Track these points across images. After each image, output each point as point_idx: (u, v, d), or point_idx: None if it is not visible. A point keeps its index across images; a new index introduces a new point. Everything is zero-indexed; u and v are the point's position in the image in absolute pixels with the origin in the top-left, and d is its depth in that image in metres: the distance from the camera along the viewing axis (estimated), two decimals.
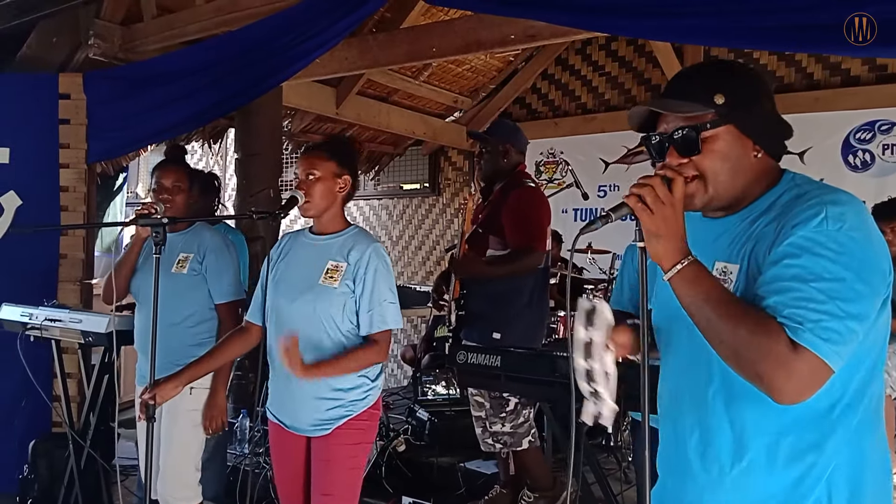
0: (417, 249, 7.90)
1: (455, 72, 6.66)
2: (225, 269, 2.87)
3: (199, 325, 2.85)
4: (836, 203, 1.21)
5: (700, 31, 2.96)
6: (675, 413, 1.42)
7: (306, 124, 6.64)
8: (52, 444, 3.65)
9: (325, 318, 2.32)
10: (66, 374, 3.65)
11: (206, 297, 2.86)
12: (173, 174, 2.88)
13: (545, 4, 3.14)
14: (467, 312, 3.51)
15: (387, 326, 2.35)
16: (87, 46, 4.22)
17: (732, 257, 1.31)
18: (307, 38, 3.73)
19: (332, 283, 2.32)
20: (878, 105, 5.35)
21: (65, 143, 4.15)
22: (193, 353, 2.70)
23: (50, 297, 3.69)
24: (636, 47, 6.51)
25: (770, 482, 1.28)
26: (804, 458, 1.25)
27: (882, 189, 5.08)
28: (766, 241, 1.25)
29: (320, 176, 2.35)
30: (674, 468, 1.43)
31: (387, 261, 2.38)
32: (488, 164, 3.58)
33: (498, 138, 3.57)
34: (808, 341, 1.14)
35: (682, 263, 1.23)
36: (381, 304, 2.33)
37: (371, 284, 2.32)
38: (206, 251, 2.84)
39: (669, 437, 1.45)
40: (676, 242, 1.23)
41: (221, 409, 2.84)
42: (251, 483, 3.52)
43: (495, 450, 3.47)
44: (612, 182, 6.39)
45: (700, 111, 1.29)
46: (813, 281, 1.16)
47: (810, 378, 1.16)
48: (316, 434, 2.36)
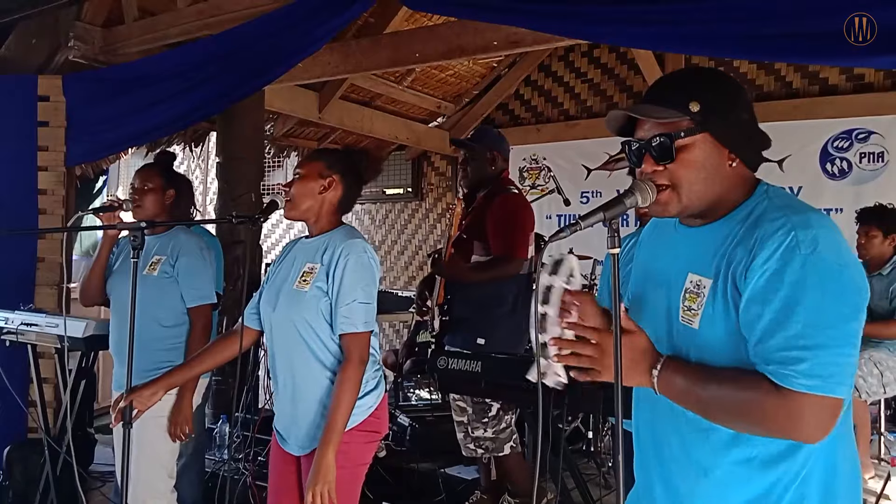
0: (400, 254, 7.89)
1: (438, 77, 6.68)
2: (197, 272, 2.81)
3: (170, 329, 2.79)
4: (807, 226, 1.19)
5: (680, 40, 3.00)
6: (651, 418, 1.43)
7: (289, 128, 6.62)
8: (27, 450, 3.61)
9: (300, 323, 2.20)
10: (43, 379, 3.61)
11: (178, 300, 2.80)
12: (144, 175, 2.86)
13: (528, 11, 3.16)
14: (451, 318, 3.50)
15: (353, 328, 2.15)
16: (66, 48, 4.19)
17: (705, 271, 1.30)
18: (290, 42, 3.72)
19: (304, 287, 2.20)
20: (855, 114, 5.43)
21: (43, 146, 4.11)
22: (164, 358, 2.69)
23: (27, 301, 3.65)
24: (618, 54, 6.56)
25: (745, 488, 1.28)
26: (778, 464, 1.26)
27: (859, 197, 5.15)
28: (738, 262, 1.24)
29: (304, 174, 2.29)
30: (651, 474, 1.44)
31: (363, 258, 2.19)
32: (475, 171, 3.57)
33: (485, 146, 3.56)
34: (803, 385, 1.14)
35: (653, 381, 1.28)
36: (348, 304, 2.15)
37: (339, 282, 2.16)
38: (178, 254, 2.79)
39: (647, 442, 1.45)
40: (637, 373, 1.28)
41: (186, 417, 2.73)
42: (230, 489, 3.49)
43: (477, 455, 3.47)
44: (595, 188, 6.42)
45: (675, 118, 1.29)
46: (795, 317, 1.16)
47: (822, 414, 1.16)
48: (301, 453, 2.26)
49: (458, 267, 3.51)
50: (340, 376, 2.14)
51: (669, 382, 1.27)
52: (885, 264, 3.97)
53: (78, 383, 3.30)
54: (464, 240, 3.53)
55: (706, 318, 1.28)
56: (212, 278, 2.90)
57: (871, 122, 5.38)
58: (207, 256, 2.88)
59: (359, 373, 2.15)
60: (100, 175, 6.68)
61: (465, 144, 3.67)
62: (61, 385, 3.51)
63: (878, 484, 3.67)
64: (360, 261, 2.19)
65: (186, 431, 2.72)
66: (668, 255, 1.24)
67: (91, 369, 3.42)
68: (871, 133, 5.38)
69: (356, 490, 2.27)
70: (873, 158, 5.39)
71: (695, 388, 1.25)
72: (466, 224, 3.56)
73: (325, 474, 2.06)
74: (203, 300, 2.82)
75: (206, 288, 2.85)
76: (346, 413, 2.11)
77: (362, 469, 2.29)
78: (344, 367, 2.15)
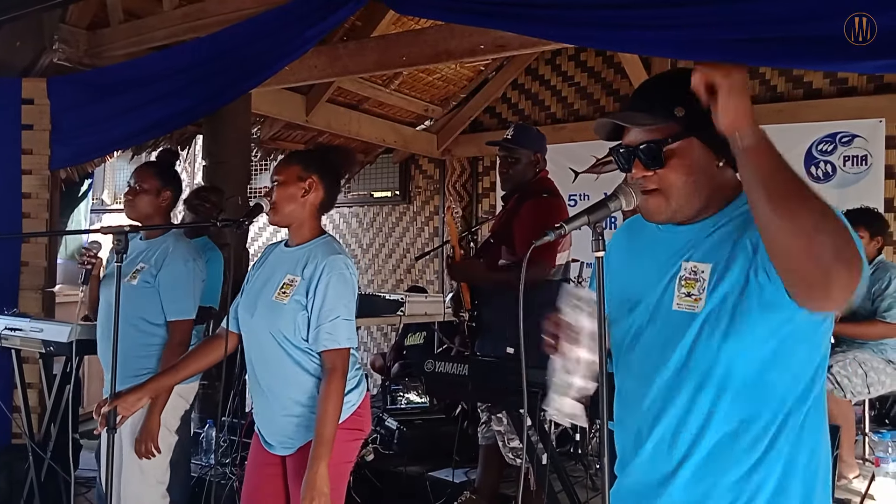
0: (388, 257, 7.88)
1: (425, 81, 6.68)
2: (177, 285, 2.72)
3: (150, 336, 2.73)
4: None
5: (667, 44, 3.00)
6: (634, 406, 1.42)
7: (275, 132, 6.60)
8: (11, 455, 3.58)
9: (276, 333, 2.22)
10: (27, 384, 3.58)
11: (159, 309, 2.72)
12: (139, 174, 2.82)
13: (514, 16, 3.16)
14: (478, 325, 3.41)
15: (337, 344, 2.18)
16: (51, 51, 4.17)
17: (704, 257, 1.31)
18: (277, 45, 3.71)
19: (283, 299, 2.22)
20: (839, 117, 5.48)
21: (28, 149, 4.08)
22: (140, 365, 2.65)
23: (10, 306, 3.62)
24: (605, 58, 6.59)
25: (727, 473, 1.29)
26: (759, 446, 1.28)
27: (843, 200, 5.18)
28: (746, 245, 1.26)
29: (282, 180, 2.28)
30: (631, 464, 1.43)
31: (346, 275, 2.23)
32: (518, 175, 3.41)
33: (530, 149, 3.42)
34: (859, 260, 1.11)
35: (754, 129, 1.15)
36: (331, 321, 2.18)
37: (321, 299, 2.18)
38: (162, 264, 2.71)
39: (629, 430, 1.44)
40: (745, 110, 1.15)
41: (152, 434, 2.63)
42: (216, 494, 3.47)
43: (516, 464, 3.36)
44: (582, 191, 6.44)
45: (661, 124, 1.30)
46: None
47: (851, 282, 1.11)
48: (290, 452, 2.28)
49: (474, 266, 3.40)
50: (325, 390, 2.16)
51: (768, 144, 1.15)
52: (868, 266, 4.01)
53: (63, 388, 3.27)
54: (491, 244, 3.44)
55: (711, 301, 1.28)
56: (193, 292, 2.78)
57: (855, 125, 5.43)
58: (194, 268, 2.77)
59: (342, 386, 2.19)
60: (85, 178, 6.65)
61: (508, 146, 3.46)
62: (46, 390, 3.49)
63: (862, 484, 3.69)
64: (343, 277, 2.22)
65: (151, 449, 2.62)
66: (650, 252, 1.25)
67: (76, 374, 3.40)
68: (855, 136, 5.43)
69: (342, 487, 2.29)
70: (857, 162, 5.44)
71: (790, 168, 1.15)
72: (496, 228, 3.48)
73: (320, 487, 2.08)
74: (181, 315, 2.73)
75: (186, 302, 2.75)
76: (333, 425, 2.13)
77: (347, 467, 2.32)
78: (328, 381, 2.17)
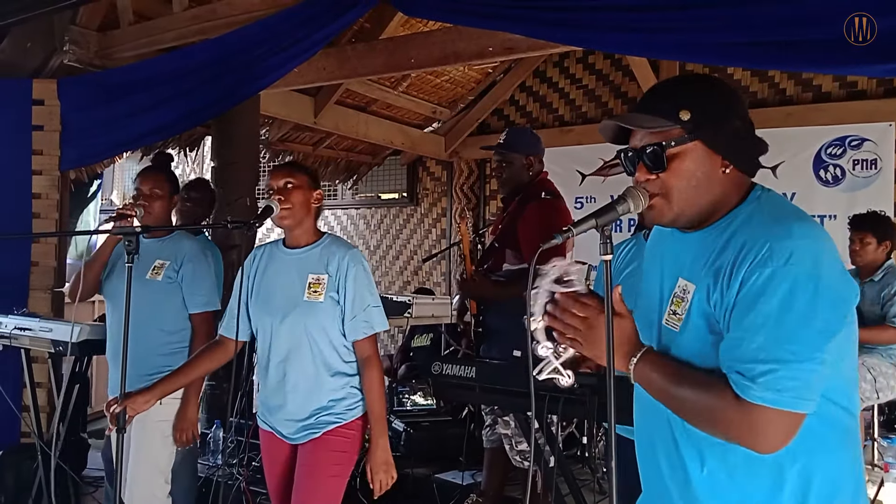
0: (395, 259, 7.89)
1: (434, 83, 6.69)
2: (201, 278, 2.82)
3: (172, 335, 2.80)
4: (785, 237, 1.19)
5: (674, 47, 3.01)
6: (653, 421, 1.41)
7: (284, 133, 6.62)
8: (20, 454, 3.59)
9: (318, 332, 2.33)
10: (36, 384, 3.59)
11: (181, 306, 2.81)
12: (152, 180, 2.84)
13: (523, 18, 3.17)
14: (485, 329, 3.43)
15: (373, 330, 2.37)
16: (61, 52, 4.19)
17: (693, 276, 1.31)
18: (285, 47, 3.72)
19: (318, 298, 2.32)
20: (848, 121, 5.45)
21: (38, 150, 4.10)
22: (164, 363, 2.68)
23: (20, 306, 3.63)
24: (613, 61, 6.58)
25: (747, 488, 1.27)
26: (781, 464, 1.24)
27: (852, 203, 5.17)
28: (724, 271, 1.24)
29: (298, 184, 2.35)
30: (653, 478, 1.42)
31: (365, 265, 2.39)
32: (511, 179, 3.43)
33: (520, 153, 3.42)
34: (759, 398, 1.15)
35: (630, 368, 1.30)
36: (364, 310, 2.34)
37: (353, 291, 2.33)
38: (183, 259, 2.80)
39: (646, 446, 1.44)
40: (617, 356, 1.27)
41: (192, 421, 2.78)
42: (223, 494, 3.47)
43: (524, 467, 3.37)
44: (589, 194, 6.44)
45: (665, 127, 1.29)
46: (759, 330, 1.17)
47: (777, 429, 1.17)
48: (303, 441, 2.37)
49: (484, 285, 3.42)
50: (368, 376, 2.36)
51: (645, 374, 1.29)
52: (877, 270, 3.99)
53: (71, 388, 3.28)
54: (495, 248, 3.46)
55: (686, 324, 1.30)
56: (216, 285, 2.90)
57: (864, 129, 5.41)
58: (211, 263, 2.88)
59: (381, 368, 2.41)
60: (94, 179, 6.68)
61: (499, 151, 3.47)
62: (54, 390, 3.50)
63: (871, 490, 3.69)
64: (364, 268, 2.39)
65: (192, 436, 2.75)
66: (664, 260, 1.25)
67: (84, 374, 3.41)
68: (865, 140, 5.41)
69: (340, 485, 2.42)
70: (866, 165, 5.41)
71: (668, 386, 1.27)
72: (499, 231, 3.49)
73: (387, 459, 2.34)
74: (206, 307, 2.83)
75: (210, 295, 2.86)
76: (383, 404, 2.40)
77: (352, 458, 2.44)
78: (369, 368, 2.37)
